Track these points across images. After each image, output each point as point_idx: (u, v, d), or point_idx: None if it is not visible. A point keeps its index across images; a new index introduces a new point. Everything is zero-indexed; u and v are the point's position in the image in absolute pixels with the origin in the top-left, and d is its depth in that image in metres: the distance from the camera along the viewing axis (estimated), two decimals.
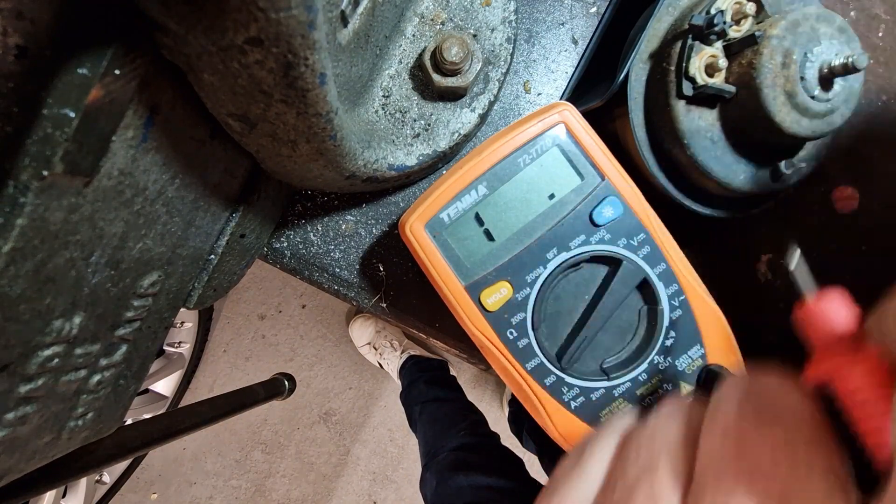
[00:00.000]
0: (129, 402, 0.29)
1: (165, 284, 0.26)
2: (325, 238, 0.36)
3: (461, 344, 0.37)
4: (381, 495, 1.34)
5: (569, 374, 0.28)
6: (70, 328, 0.21)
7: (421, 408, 1.05)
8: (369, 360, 1.34)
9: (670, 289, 0.28)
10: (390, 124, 0.32)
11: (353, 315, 1.37)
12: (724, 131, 0.29)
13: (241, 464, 1.36)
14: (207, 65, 0.17)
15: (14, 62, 0.15)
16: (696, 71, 0.27)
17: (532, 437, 0.94)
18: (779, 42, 0.25)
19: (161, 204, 0.22)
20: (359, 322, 1.34)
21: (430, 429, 0.96)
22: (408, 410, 1.13)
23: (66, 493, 1.01)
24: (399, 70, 0.32)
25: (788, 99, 0.26)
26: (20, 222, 0.16)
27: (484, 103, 0.33)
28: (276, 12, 0.14)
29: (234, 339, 1.37)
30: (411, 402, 1.11)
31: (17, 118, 0.16)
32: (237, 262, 0.33)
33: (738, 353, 0.29)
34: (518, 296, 0.28)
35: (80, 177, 0.17)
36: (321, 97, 0.19)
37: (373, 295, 0.37)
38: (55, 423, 0.23)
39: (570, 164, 0.28)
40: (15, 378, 0.19)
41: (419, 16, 0.32)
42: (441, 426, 0.95)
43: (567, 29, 0.36)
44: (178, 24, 0.16)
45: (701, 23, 0.26)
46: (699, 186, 0.32)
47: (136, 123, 0.18)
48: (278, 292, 1.38)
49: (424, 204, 0.28)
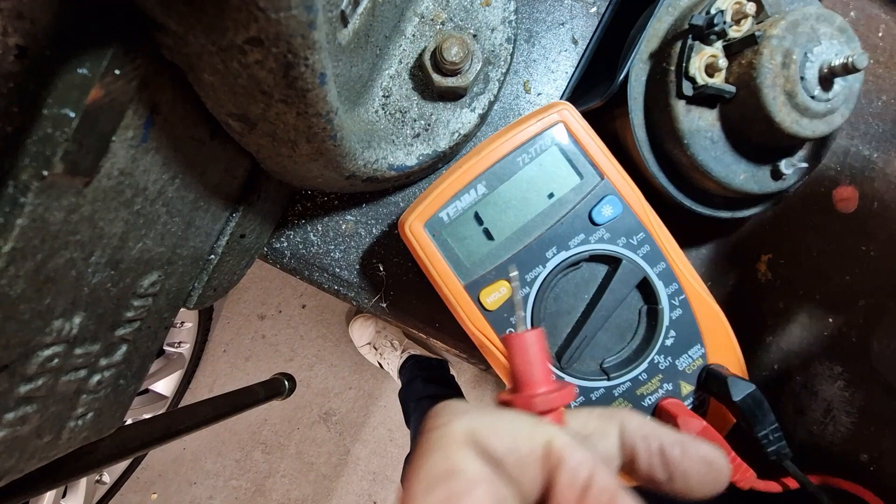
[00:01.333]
0: (129, 402, 0.29)
1: (165, 284, 0.26)
2: (325, 238, 0.36)
3: (461, 344, 0.37)
4: (381, 495, 1.34)
5: (569, 373, 0.28)
6: (70, 328, 0.21)
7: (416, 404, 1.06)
8: (369, 360, 1.34)
9: (670, 288, 0.28)
10: (390, 124, 0.32)
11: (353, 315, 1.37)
12: (724, 131, 0.29)
13: (241, 464, 1.36)
14: (207, 65, 0.17)
15: (14, 62, 0.15)
16: (696, 71, 0.27)
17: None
18: (779, 42, 0.25)
19: (161, 204, 0.22)
20: (359, 322, 1.34)
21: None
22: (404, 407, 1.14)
23: (66, 493, 1.01)
24: (399, 70, 0.32)
25: (788, 99, 0.26)
26: (20, 222, 0.16)
27: (484, 103, 0.33)
28: (276, 12, 0.14)
29: (234, 339, 1.37)
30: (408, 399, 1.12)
31: (17, 118, 0.16)
32: (237, 262, 0.33)
33: (739, 353, 0.29)
34: (518, 295, 0.28)
35: (80, 177, 0.17)
36: (321, 97, 0.19)
37: (373, 295, 0.37)
38: (55, 423, 0.23)
39: (569, 164, 0.28)
40: (15, 378, 0.19)
41: (419, 16, 0.32)
42: None
43: (567, 29, 0.36)
44: (178, 24, 0.16)
45: (701, 23, 0.26)
46: (699, 186, 0.32)
47: (136, 123, 0.18)
48: (278, 292, 1.38)
49: (424, 203, 0.28)
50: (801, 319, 0.37)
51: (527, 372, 0.17)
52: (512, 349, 0.17)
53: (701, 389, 0.29)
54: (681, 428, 0.26)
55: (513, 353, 0.17)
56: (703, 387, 0.29)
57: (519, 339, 0.17)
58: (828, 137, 0.31)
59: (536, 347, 0.17)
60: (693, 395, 0.29)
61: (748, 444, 0.28)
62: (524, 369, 0.17)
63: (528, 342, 0.17)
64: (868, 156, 0.37)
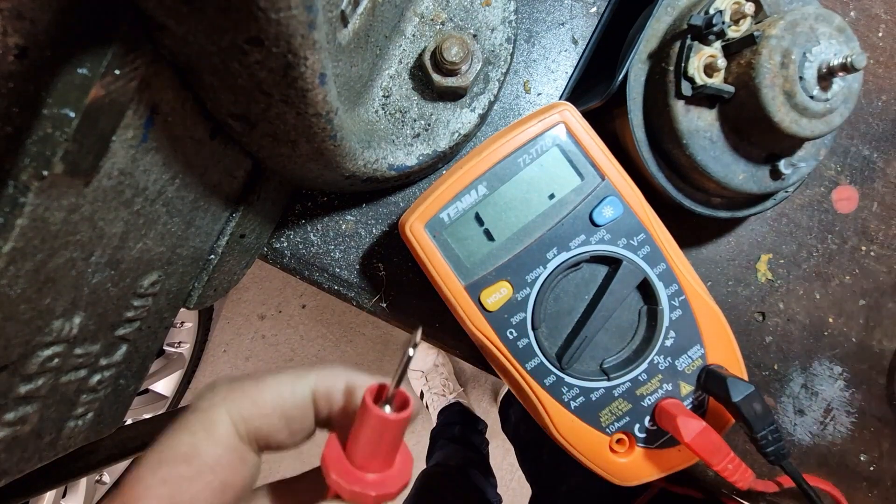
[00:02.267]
0: (129, 402, 0.29)
1: (165, 284, 0.26)
2: (325, 238, 0.36)
3: (461, 344, 0.37)
4: None
5: (569, 374, 0.28)
6: (70, 328, 0.21)
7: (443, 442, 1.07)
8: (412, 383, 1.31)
9: (670, 289, 0.28)
10: (390, 124, 0.32)
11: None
12: (723, 131, 0.29)
13: None
14: (207, 65, 0.17)
15: (14, 62, 0.15)
16: (695, 71, 0.27)
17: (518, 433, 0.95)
18: (777, 42, 0.25)
19: (161, 204, 0.22)
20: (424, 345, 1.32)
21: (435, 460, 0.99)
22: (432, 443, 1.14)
23: (66, 493, 1.01)
24: (399, 70, 0.32)
25: (787, 99, 0.26)
26: (20, 222, 0.16)
27: (484, 103, 0.33)
28: (276, 12, 0.14)
29: (234, 339, 1.37)
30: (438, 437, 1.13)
31: (17, 118, 0.16)
32: (237, 262, 0.33)
33: (738, 354, 0.29)
34: (518, 296, 0.28)
35: (80, 177, 0.17)
36: (321, 97, 0.19)
37: (373, 295, 0.37)
38: (55, 423, 0.23)
39: (570, 164, 0.28)
40: (15, 378, 0.19)
41: (419, 16, 0.32)
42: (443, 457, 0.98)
43: (567, 29, 0.36)
44: (179, 25, 0.16)
45: (700, 23, 0.26)
46: (699, 186, 0.32)
47: (136, 123, 0.18)
48: (278, 292, 1.38)
49: (424, 204, 0.28)
50: (800, 319, 0.37)
51: (372, 450, 0.15)
52: (365, 423, 0.15)
53: (700, 390, 0.29)
54: (680, 428, 0.26)
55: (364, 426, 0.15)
56: (702, 387, 0.29)
57: (383, 420, 0.15)
58: (827, 137, 0.31)
59: (395, 434, 0.15)
60: (692, 395, 0.29)
61: (748, 444, 0.28)
62: (372, 447, 0.15)
63: (391, 426, 0.15)
64: (868, 156, 0.37)
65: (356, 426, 0.15)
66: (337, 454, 0.16)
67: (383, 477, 0.15)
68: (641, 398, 0.28)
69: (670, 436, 0.29)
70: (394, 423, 0.15)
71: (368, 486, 0.15)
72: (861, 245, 0.37)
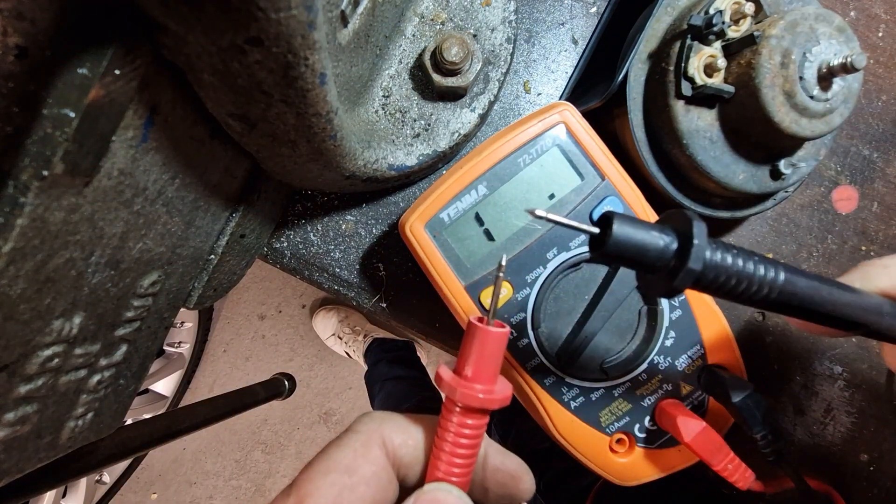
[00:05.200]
0: (129, 402, 0.29)
1: (165, 284, 0.26)
2: (325, 238, 0.36)
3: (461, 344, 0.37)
4: None
5: (569, 374, 0.28)
6: (70, 328, 0.21)
7: (380, 385, 1.07)
8: (336, 351, 1.33)
9: None
10: (390, 124, 0.32)
11: (316, 309, 1.35)
12: (723, 131, 0.29)
13: (241, 464, 1.36)
14: (207, 65, 0.17)
15: (14, 62, 0.15)
16: (695, 71, 0.27)
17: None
18: (777, 42, 0.25)
19: (161, 204, 0.22)
20: (321, 315, 1.32)
21: (384, 406, 0.99)
22: (369, 390, 1.14)
23: (66, 493, 1.01)
24: (399, 70, 0.32)
25: (787, 99, 0.26)
26: (20, 222, 0.16)
27: (484, 103, 0.33)
28: (276, 12, 0.14)
29: (234, 339, 1.37)
30: (373, 382, 1.13)
31: (17, 118, 0.16)
32: (237, 262, 0.33)
33: (738, 354, 0.29)
34: (518, 296, 0.28)
35: (80, 177, 0.17)
36: (321, 97, 0.19)
37: (373, 295, 0.37)
38: (55, 423, 0.23)
39: (570, 164, 0.28)
40: (15, 378, 0.19)
41: (419, 16, 0.32)
42: (394, 402, 0.98)
43: (567, 29, 0.36)
44: (178, 24, 0.16)
45: (700, 23, 0.26)
46: (699, 186, 0.32)
47: (136, 123, 0.18)
48: (278, 292, 1.38)
49: (424, 204, 0.28)
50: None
51: (478, 364, 0.17)
52: (474, 338, 0.17)
53: (700, 390, 0.29)
54: (680, 428, 0.26)
55: (474, 342, 0.17)
56: (702, 387, 0.29)
57: (487, 333, 0.17)
58: (827, 137, 0.31)
59: (498, 346, 0.17)
60: (692, 395, 0.29)
61: (748, 444, 0.28)
62: (478, 361, 0.17)
63: (493, 339, 0.17)
64: (868, 156, 0.37)
65: (462, 348, 0.18)
66: (447, 372, 0.18)
67: (489, 388, 0.17)
68: (641, 398, 0.28)
69: (670, 436, 0.29)
70: (495, 336, 0.17)
71: (476, 391, 0.17)
72: (861, 245, 0.37)
